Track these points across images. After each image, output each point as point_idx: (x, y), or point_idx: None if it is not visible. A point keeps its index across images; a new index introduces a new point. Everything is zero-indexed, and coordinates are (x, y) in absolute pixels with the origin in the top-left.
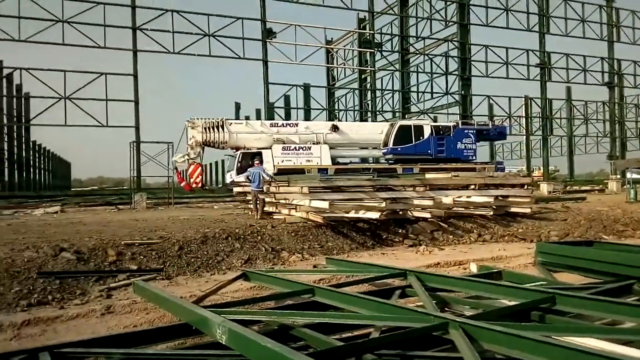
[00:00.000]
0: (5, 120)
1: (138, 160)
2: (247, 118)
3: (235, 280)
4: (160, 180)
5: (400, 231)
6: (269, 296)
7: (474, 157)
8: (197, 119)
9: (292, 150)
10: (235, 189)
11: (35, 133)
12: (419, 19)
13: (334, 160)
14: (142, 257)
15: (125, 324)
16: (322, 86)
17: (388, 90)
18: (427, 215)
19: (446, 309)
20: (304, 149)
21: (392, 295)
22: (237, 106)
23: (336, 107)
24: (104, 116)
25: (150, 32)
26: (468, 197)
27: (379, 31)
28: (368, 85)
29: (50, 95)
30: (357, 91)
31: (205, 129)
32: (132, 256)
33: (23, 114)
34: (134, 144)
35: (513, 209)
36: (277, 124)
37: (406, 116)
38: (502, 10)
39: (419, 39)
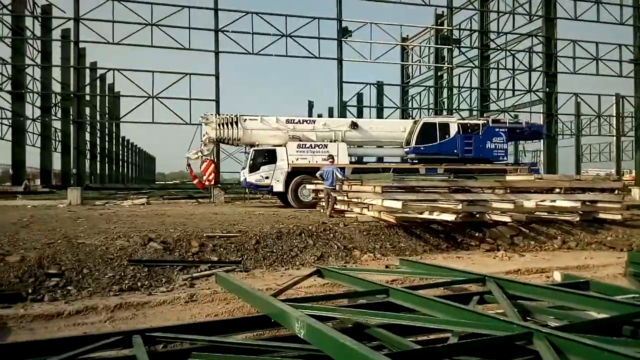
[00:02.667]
0: (98, 117)
1: (217, 157)
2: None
3: (310, 276)
4: (236, 176)
5: (476, 235)
6: (343, 294)
7: (504, 158)
8: (211, 114)
9: (308, 147)
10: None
11: (125, 129)
12: (500, 14)
13: (352, 159)
14: (222, 249)
15: (207, 312)
16: (396, 84)
17: (466, 87)
18: (507, 219)
19: (528, 318)
20: (320, 146)
21: (470, 300)
22: (310, 105)
23: (410, 106)
24: (187, 114)
25: (231, 34)
26: (552, 201)
27: (457, 27)
28: (445, 82)
29: (139, 95)
30: (432, 89)
31: (219, 125)
32: (213, 248)
33: (114, 112)
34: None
35: (602, 215)
36: (294, 120)
37: (484, 114)
38: (593, 3)
39: (501, 34)
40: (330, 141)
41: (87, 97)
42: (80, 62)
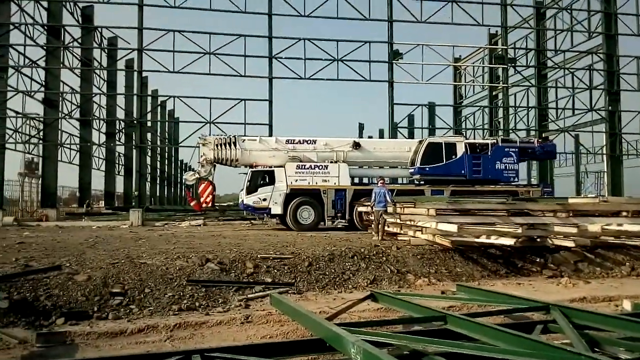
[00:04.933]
0: (158, 142)
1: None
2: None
3: (364, 300)
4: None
5: (538, 260)
6: (399, 320)
7: (515, 179)
8: (209, 135)
9: (308, 168)
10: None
11: (183, 153)
12: (557, 32)
13: (353, 180)
14: (275, 270)
15: (262, 334)
16: (448, 105)
17: (523, 107)
18: (570, 244)
19: (597, 349)
20: (321, 167)
21: (534, 330)
22: (361, 127)
23: (464, 126)
24: None
25: (284, 60)
26: (619, 225)
27: (512, 46)
28: (500, 102)
29: (197, 120)
30: (487, 109)
31: (216, 145)
32: (266, 269)
33: (173, 136)
34: None
35: None
36: (294, 140)
37: (543, 134)
38: None
39: (558, 52)
40: (332, 162)
41: (149, 123)
42: (143, 90)
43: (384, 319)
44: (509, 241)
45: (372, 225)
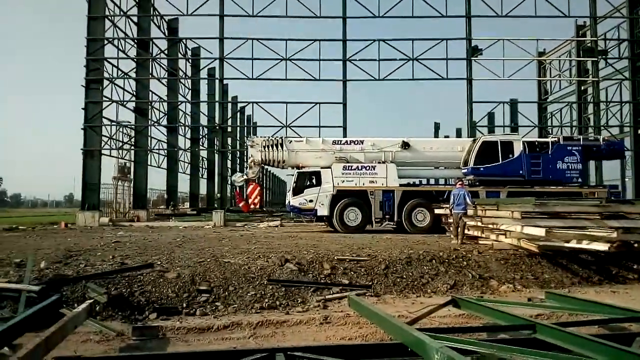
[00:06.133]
0: (238, 146)
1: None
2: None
3: (445, 305)
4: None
5: (635, 267)
6: (483, 327)
7: (579, 179)
8: (257, 137)
9: (354, 169)
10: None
11: None
12: None
13: (403, 181)
14: (352, 272)
15: (341, 335)
16: (532, 101)
17: (615, 102)
18: None
19: None
20: (368, 168)
21: (633, 342)
22: (437, 126)
23: (550, 124)
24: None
25: (358, 62)
26: None
27: (602, 37)
28: (589, 97)
29: (274, 124)
30: (575, 105)
31: (264, 147)
32: (343, 271)
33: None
34: None
35: None
36: (340, 141)
37: (638, 131)
38: None
39: None
40: (380, 162)
41: (229, 129)
42: (224, 97)
43: (468, 325)
44: (602, 246)
45: (451, 229)
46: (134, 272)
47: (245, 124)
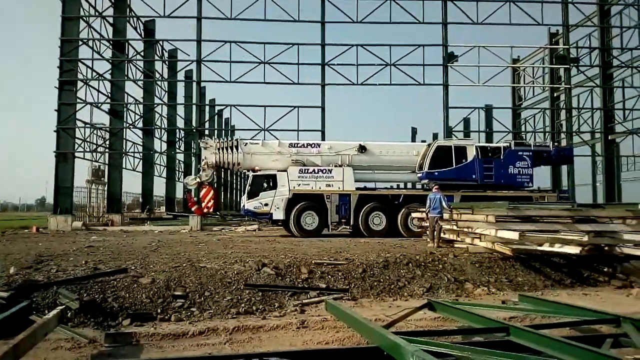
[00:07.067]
0: None
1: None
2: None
3: (421, 309)
4: None
5: (605, 270)
6: (459, 330)
7: (529, 184)
8: (211, 139)
9: (311, 173)
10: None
11: None
12: (624, 29)
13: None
14: (330, 276)
15: (318, 339)
16: (506, 107)
17: (587, 108)
18: None
19: None
20: (324, 171)
21: (603, 343)
22: (414, 131)
23: (523, 129)
24: None
25: (337, 67)
26: None
27: (574, 45)
28: (562, 104)
29: (252, 127)
30: (548, 111)
31: (218, 149)
32: (321, 275)
33: None
34: None
35: None
36: (297, 144)
37: (609, 137)
38: None
39: (625, 50)
40: (336, 166)
41: (207, 132)
42: (201, 100)
43: (443, 328)
44: (574, 249)
45: (427, 232)
46: (107, 278)
47: (223, 127)
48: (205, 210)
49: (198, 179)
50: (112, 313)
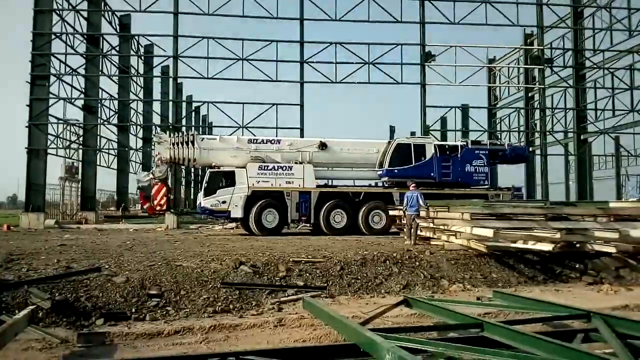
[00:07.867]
0: None
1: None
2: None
3: (397, 305)
4: None
5: (577, 266)
6: (434, 326)
7: (485, 182)
8: (165, 133)
9: (271, 170)
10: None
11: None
12: (596, 31)
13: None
14: (307, 274)
15: (295, 337)
16: (482, 107)
17: (560, 108)
18: (611, 249)
19: None
20: (284, 168)
21: (574, 338)
22: (392, 129)
23: (499, 128)
24: None
25: (316, 65)
26: None
27: (548, 46)
28: (536, 104)
29: (230, 125)
30: (523, 111)
31: (173, 144)
32: (299, 273)
33: None
34: None
35: None
36: (257, 140)
37: (581, 136)
38: None
39: (597, 51)
40: (297, 162)
41: (184, 128)
42: (178, 96)
43: (419, 325)
44: (546, 246)
45: (405, 230)
46: (80, 277)
47: (200, 124)
48: (158, 208)
49: (151, 176)
50: (85, 313)
